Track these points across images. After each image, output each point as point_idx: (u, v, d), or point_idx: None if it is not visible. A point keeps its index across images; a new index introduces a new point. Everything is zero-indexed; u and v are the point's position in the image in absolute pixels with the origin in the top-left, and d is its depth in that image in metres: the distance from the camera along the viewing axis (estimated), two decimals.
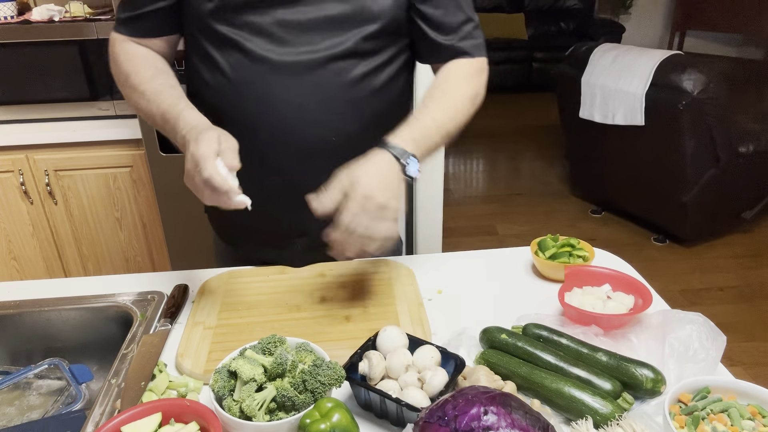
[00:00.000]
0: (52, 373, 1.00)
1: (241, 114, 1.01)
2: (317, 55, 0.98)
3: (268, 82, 0.99)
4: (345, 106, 1.01)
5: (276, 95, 0.99)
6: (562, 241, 1.12)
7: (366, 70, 1.01)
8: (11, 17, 2.07)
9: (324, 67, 0.98)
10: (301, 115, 1.00)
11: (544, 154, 4.61)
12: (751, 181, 3.03)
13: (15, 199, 2.12)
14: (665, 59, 2.79)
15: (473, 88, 1.05)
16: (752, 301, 2.72)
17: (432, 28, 1.04)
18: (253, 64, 0.98)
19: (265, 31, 0.97)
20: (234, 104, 1.02)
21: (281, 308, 1.01)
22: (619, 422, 0.71)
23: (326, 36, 0.98)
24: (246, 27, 0.97)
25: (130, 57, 1.03)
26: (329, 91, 1.00)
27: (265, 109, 1.00)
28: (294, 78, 0.99)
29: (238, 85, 1.00)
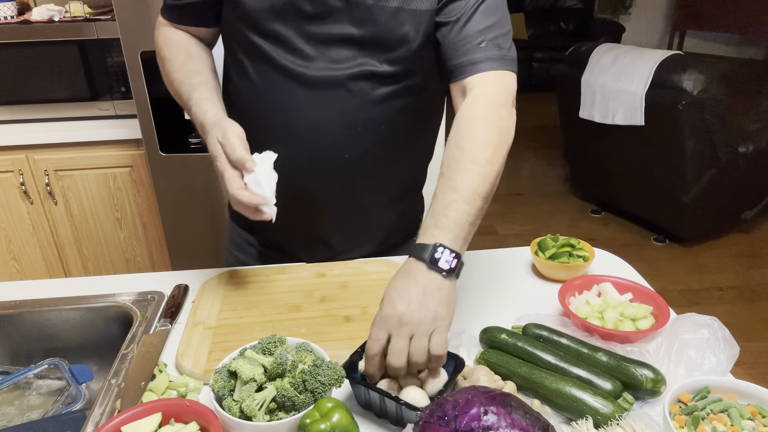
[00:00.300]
0: (52, 373, 1.00)
1: (262, 119, 1.03)
2: (338, 73, 0.96)
3: (289, 92, 0.99)
4: (362, 125, 1.00)
5: (294, 107, 0.99)
6: (562, 241, 1.12)
7: (387, 92, 0.99)
8: (11, 17, 2.07)
9: (344, 85, 0.97)
10: (316, 128, 1.00)
11: (544, 154, 4.61)
12: (751, 181, 3.03)
13: (15, 199, 2.12)
14: (665, 59, 2.79)
15: (497, 132, 0.88)
16: (752, 301, 2.72)
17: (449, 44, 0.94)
18: (276, 74, 0.98)
19: (290, 43, 0.96)
20: (255, 109, 1.03)
21: (281, 308, 1.01)
22: (619, 422, 0.71)
23: (349, 55, 0.96)
24: (271, 37, 0.97)
25: (168, 42, 1.06)
26: (347, 109, 0.99)
27: (283, 119, 1.01)
28: (313, 92, 0.98)
29: (260, 92, 1.02)
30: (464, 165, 0.84)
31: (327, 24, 0.95)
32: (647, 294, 0.96)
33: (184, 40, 1.07)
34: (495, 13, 0.95)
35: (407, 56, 0.96)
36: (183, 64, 1.03)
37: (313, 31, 0.95)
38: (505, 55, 0.94)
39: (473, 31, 0.93)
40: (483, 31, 0.93)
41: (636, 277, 1.09)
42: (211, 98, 0.98)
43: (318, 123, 0.99)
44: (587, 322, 0.89)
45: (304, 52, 0.96)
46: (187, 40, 1.07)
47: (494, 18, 0.94)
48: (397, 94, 1.00)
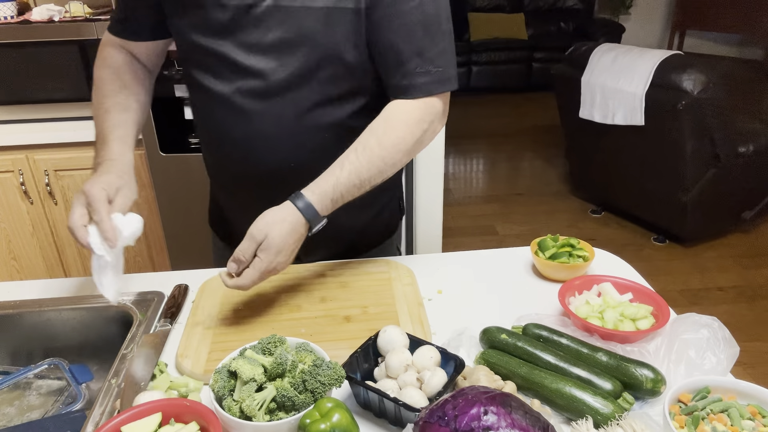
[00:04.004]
0: (52, 373, 1.00)
1: (208, 128, 1.07)
2: (276, 81, 0.96)
3: (227, 106, 0.99)
4: (306, 132, 1.00)
5: (234, 119, 1.00)
6: (562, 241, 1.12)
7: (327, 97, 0.98)
8: (11, 17, 2.06)
9: (282, 94, 0.97)
10: (261, 140, 1.01)
11: (544, 154, 4.61)
12: (751, 181, 3.03)
13: (15, 199, 2.12)
14: (665, 59, 2.79)
15: (408, 140, 0.96)
16: (752, 301, 2.72)
17: (379, 60, 0.96)
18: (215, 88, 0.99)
19: (227, 56, 0.96)
20: (206, 121, 1.07)
21: (281, 308, 1.01)
22: (619, 422, 0.71)
23: (284, 61, 0.94)
24: (210, 52, 0.97)
25: (105, 63, 1.08)
26: (287, 117, 0.99)
27: (226, 130, 1.03)
28: (255, 103, 0.98)
29: (205, 106, 1.04)
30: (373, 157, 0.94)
31: (257, 32, 0.93)
32: (647, 294, 0.96)
33: (123, 65, 1.07)
34: (430, 27, 0.93)
35: (343, 59, 0.95)
36: (115, 93, 1.04)
37: (247, 41, 0.94)
38: (442, 75, 0.96)
39: (405, 52, 0.93)
40: (415, 52, 0.93)
41: (636, 277, 1.09)
42: (129, 143, 1.02)
43: (261, 134, 1.00)
44: (587, 322, 0.89)
45: (242, 64, 0.95)
46: (125, 66, 1.08)
47: (429, 33, 0.93)
48: (339, 98, 0.99)
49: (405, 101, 0.97)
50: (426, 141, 1.00)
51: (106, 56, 1.08)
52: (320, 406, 0.70)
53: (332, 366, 0.74)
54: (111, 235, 0.88)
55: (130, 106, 1.04)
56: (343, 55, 0.95)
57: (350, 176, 0.93)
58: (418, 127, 0.97)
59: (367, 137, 0.96)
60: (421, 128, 0.97)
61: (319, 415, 0.69)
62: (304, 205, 0.91)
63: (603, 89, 3.02)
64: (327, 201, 0.92)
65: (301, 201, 0.91)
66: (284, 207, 0.91)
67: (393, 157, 0.96)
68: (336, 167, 0.94)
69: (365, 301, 1.02)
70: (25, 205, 2.13)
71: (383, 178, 0.97)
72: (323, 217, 0.93)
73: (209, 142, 1.11)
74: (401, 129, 0.96)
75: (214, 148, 1.11)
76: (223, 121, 1.02)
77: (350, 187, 0.94)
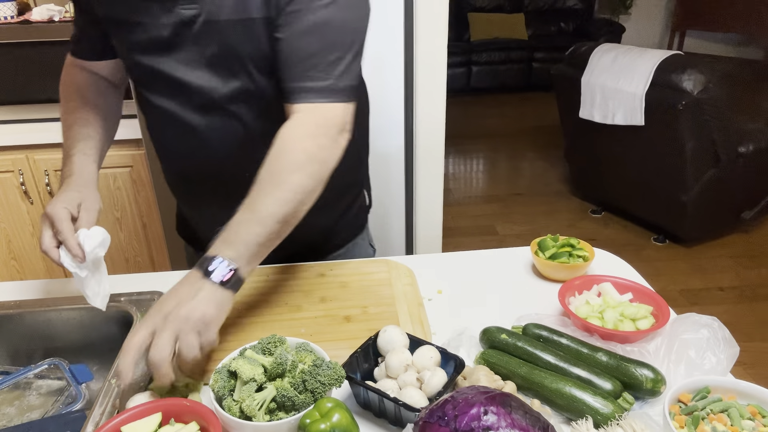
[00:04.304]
0: (52, 373, 1.00)
1: (159, 142, 1.09)
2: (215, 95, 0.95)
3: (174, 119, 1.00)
4: (250, 146, 0.96)
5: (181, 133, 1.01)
6: (562, 241, 1.12)
7: (264, 105, 0.97)
8: (11, 17, 2.06)
9: (222, 106, 0.96)
10: (205, 154, 1.01)
11: (544, 154, 4.61)
12: (751, 181, 3.03)
13: (15, 199, 2.12)
14: (665, 59, 2.79)
15: (305, 155, 0.87)
16: (752, 301, 2.72)
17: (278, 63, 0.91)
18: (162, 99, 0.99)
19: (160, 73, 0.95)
20: (153, 132, 1.09)
21: (281, 308, 1.01)
22: (619, 422, 0.71)
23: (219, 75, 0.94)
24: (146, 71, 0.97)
25: (67, 83, 1.09)
26: (228, 130, 0.99)
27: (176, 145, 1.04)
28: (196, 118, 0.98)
29: (154, 116, 1.05)
30: (267, 188, 0.86)
31: (196, 48, 0.92)
32: (647, 294, 0.96)
33: (84, 84, 1.08)
34: (328, 35, 0.89)
35: (270, 69, 0.93)
36: (75, 109, 1.05)
37: (187, 58, 0.93)
38: (331, 86, 0.90)
39: (300, 56, 0.89)
40: (311, 57, 0.89)
41: (636, 277, 1.09)
42: (90, 154, 1.02)
43: (210, 148, 1.00)
44: (587, 322, 0.89)
45: (183, 80, 0.94)
46: (87, 84, 1.09)
47: (325, 42, 0.89)
48: (279, 106, 0.94)
49: (293, 121, 0.90)
50: (327, 157, 0.90)
51: (67, 76, 1.10)
52: (320, 406, 0.70)
53: (332, 366, 0.74)
54: (77, 252, 0.89)
55: (91, 121, 1.05)
56: (266, 64, 0.93)
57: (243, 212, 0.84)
58: (311, 142, 0.88)
59: (262, 173, 0.87)
60: (315, 143, 0.88)
61: (319, 415, 0.69)
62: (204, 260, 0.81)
63: (603, 89, 3.02)
64: (221, 244, 0.82)
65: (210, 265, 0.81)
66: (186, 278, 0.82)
67: (293, 185, 0.86)
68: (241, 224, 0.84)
69: (365, 301, 1.02)
70: (25, 205, 2.13)
71: (303, 206, 0.87)
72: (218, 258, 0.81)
73: (162, 156, 1.12)
74: (291, 151, 0.87)
75: (167, 162, 1.12)
76: (172, 135, 1.03)
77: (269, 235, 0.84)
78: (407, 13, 1.69)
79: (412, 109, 1.87)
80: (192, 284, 0.80)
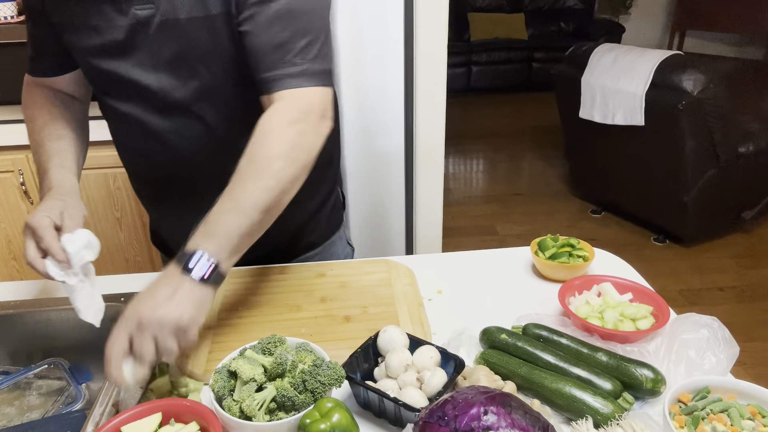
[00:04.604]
0: (52, 373, 1.00)
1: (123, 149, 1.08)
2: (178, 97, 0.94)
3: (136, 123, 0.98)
4: (216, 148, 0.97)
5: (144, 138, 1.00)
6: (562, 241, 1.12)
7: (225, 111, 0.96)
8: (11, 17, 2.06)
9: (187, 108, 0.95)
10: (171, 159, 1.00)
11: (544, 154, 4.61)
12: (751, 181, 3.03)
13: (15, 199, 2.12)
14: (665, 59, 2.79)
15: (286, 142, 0.85)
16: (752, 301, 2.72)
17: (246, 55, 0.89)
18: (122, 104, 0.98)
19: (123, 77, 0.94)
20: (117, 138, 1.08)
21: (281, 308, 1.01)
22: (619, 422, 0.71)
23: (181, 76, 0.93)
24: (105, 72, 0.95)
25: (29, 103, 1.07)
26: (195, 133, 0.97)
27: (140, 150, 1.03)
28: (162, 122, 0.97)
29: (116, 122, 1.04)
30: (249, 176, 0.83)
31: (153, 50, 0.91)
32: (647, 294, 0.96)
33: (48, 100, 1.06)
34: (295, 21, 0.88)
35: (232, 66, 0.92)
36: (43, 127, 1.02)
37: (144, 60, 0.92)
38: (306, 70, 0.88)
39: (271, 45, 0.87)
40: (282, 44, 0.87)
41: (636, 277, 1.09)
42: (68, 167, 0.99)
43: (175, 153, 0.99)
44: (587, 322, 0.89)
45: (142, 83, 0.93)
46: (51, 100, 1.06)
47: (294, 28, 0.88)
48: (244, 109, 0.94)
49: (273, 110, 0.88)
50: (309, 144, 0.88)
51: (29, 96, 1.08)
52: (320, 406, 0.70)
53: (332, 366, 0.74)
54: (60, 256, 0.86)
55: (63, 135, 1.03)
56: (231, 61, 0.92)
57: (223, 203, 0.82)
58: (292, 129, 0.86)
59: (242, 162, 0.85)
60: (296, 129, 0.86)
61: (319, 415, 0.69)
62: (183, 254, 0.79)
63: (603, 89, 3.02)
64: (200, 237, 0.80)
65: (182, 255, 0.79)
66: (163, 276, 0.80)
67: (276, 172, 0.83)
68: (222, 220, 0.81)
69: (365, 301, 1.02)
70: (25, 205, 2.13)
71: (286, 194, 0.85)
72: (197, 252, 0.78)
73: (127, 161, 1.10)
74: (272, 139, 0.86)
75: (132, 167, 1.11)
76: (135, 140, 1.02)
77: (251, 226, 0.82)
78: (407, 12, 1.69)
79: (412, 109, 1.87)
80: (169, 283, 0.76)
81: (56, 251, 0.86)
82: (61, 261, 0.86)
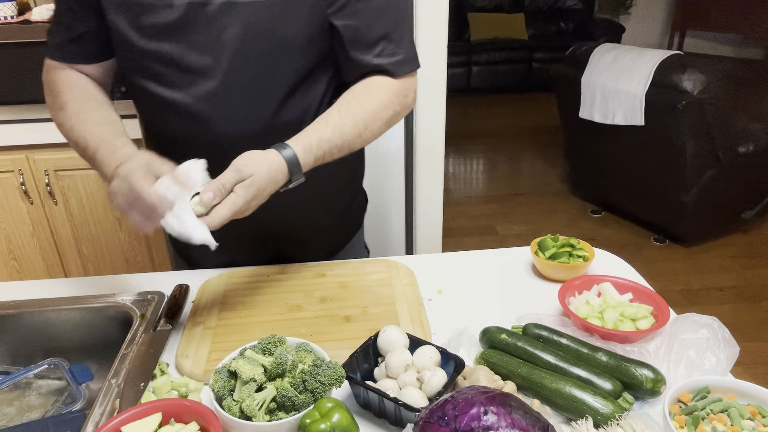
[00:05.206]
0: (52, 373, 1.00)
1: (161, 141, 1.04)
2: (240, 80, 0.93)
3: (183, 112, 0.96)
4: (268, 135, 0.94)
5: (191, 128, 0.97)
6: (562, 241, 1.12)
7: (288, 91, 0.96)
8: (11, 17, 2.06)
9: (243, 93, 0.94)
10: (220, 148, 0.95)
11: (544, 154, 4.61)
12: (751, 181, 3.03)
13: (15, 199, 2.12)
14: (665, 59, 2.79)
15: (390, 108, 0.98)
16: (752, 301, 2.72)
17: (347, 43, 0.96)
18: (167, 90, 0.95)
19: (181, 60, 0.92)
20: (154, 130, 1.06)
21: (281, 308, 1.01)
22: (619, 422, 0.71)
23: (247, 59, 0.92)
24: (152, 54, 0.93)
25: (68, 86, 0.99)
26: (253, 116, 0.96)
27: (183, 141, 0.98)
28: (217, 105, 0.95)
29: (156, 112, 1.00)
30: (350, 113, 0.94)
31: (210, 31, 0.90)
32: (647, 294, 0.96)
33: (87, 84, 1.01)
34: (393, 13, 0.97)
35: (301, 51, 0.95)
36: (95, 108, 0.97)
37: (199, 41, 0.90)
38: (403, 59, 0.99)
39: (375, 36, 0.96)
40: (384, 36, 0.96)
41: (636, 277, 1.09)
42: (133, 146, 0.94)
43: (224, 141, 0.96)
44: (587, 322, 0.89)
45: (195, 66, 0.92)
46: (89, 84, 1.01)
47: (394, 20, 0.97)
48: (301, 93, 0.97)
49: (380, 77, 0.98)
50: (400, 117, 1.01)
51: (65, 80, 1.00)
52: (320, 406, 0.70)
53: (332, 366, 0.74)
54: (184, 179, 0.82)
55: (116, 120, 0.99)
56: (300, 46, 0.94)
57: (334, 134, 0.92)
58: (398, 99, 0.98)
59: (349, 100, 0.96)
60: (400, 101, 0.99)
61: (319, 415, 0.69)
62: (290, 156, 0.87)
63: (603, 89, 3.02)
64: (311, 157, 0.90)
65: (287, 151, 0.88)
66: (269, 153, 0.87)
67: (374, 123, 0.96)
68: (320, 124, 0.92)
69: (365, 301, 1.02)
70: (25, 205, 2.13)
71: (361, 143, 0.97)
72: (303, 174, 0.90)
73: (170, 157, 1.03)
74: (383, 96, 0.97)
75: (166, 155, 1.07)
76: (178, 131, 0.98)
77: (332, 147, 0.92)
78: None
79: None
80: (276, 180, 0.86)
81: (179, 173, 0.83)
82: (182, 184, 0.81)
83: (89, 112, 0.97)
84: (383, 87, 0.98)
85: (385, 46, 0.97)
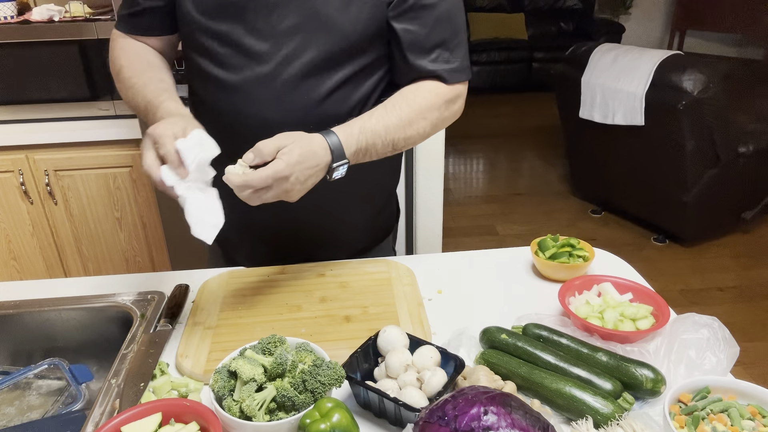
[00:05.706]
0: (52, 373, 1.00)
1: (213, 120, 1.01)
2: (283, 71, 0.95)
3: (237, 93, 0.98)
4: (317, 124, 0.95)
5: (244, 109, 0.99)
6: (562, 241, 1.12)
7: (336, 85, 0.98)
8: (11, 17, 2.06)
9: (292, 81, 0.96)
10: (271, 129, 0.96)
11: (544, 154, 4.61)
12: (751, 181, 3.03)
13: (15, 199, 2.12)
14: (665, 59, 2.79)
15: (436, 110, 1.00)
16: (752, 301, 2.72)
17: (404, 48, 0.98)
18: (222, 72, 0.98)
19: (239, 42, 0.95)
20: (208, 109, 1.04)
21: (281, 308, 1.01)
22: (619, 422, 0.71)
23: (297, 48, 0.94)
24: (213, 33, 0.95)
25: (125, 52, 1.04)
26: (297, 105, 0.97)
27: (234, 121, 1.00)
28: (265, 91, 0.97)
29: (211, 91, 1.02)
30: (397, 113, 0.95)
31: (271, 17, 0.92)
32: (647, 294, 0.96)
33: (142, 49, 1.05)
34: (452, 23, 1.00)
35: (357, 46, 0.96)
36: (144, 70, 1.00)
37: (259, 26, 0.93)
38: (458, 67, 1.02)
39: (432, 42, 0.98)
40: (442, 43, 0.99)
41: (636, 277, 1.09)
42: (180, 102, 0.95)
43: (274, 125, 0.94)
44: (587, 322, 0.89)
45: (253, 50, 0.95)
46: (145, 49, 1.06)
47: (452, 29, 1.00)
48: (350, 87, 0.99)
49: (432, 82, 1.00)
50: (446, 123, 1.03)
51: (124, 46, 1.05)
52: (320, 406, 0.70)
53: (332, 366, 0.74)
54: (175, 162, 0.81)
55: (166, 80, 1.00)
56: (357, 42, 0.96)
57: (377, 125, 0.93)
58: (446, 104, 1.01)
59: (396, 98, 0.98)
60: (448, 107, 1.01)
61: (319, 415, 0.69)
62: (334, 142, 0.89)
63: (603, 89, 3.02)
64: (352, 141, 0.91)
65: (328, 133, 0.89)
66: (314, 136, 0.88)
67: (419, 122, 0.97)
68: (365, 115, 0.94)
69: (365, 301, 1.02)
70: (25, 205, 2.13)
71: (405, 140, 0.97)
72: (345, 163, 0.90)
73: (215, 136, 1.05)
74: (432, 98, 0.99)
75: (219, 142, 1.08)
76: (231, 111, 1.00)
77: (375, 137, 0.93)
78: None
79: None
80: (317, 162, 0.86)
81: (173, 158, 0.82)
82: (175, 169, 0.81)
83: (138, 75, 1.00)
84: (433, 90, 1.00)
85: (441, 53, 0.99)
